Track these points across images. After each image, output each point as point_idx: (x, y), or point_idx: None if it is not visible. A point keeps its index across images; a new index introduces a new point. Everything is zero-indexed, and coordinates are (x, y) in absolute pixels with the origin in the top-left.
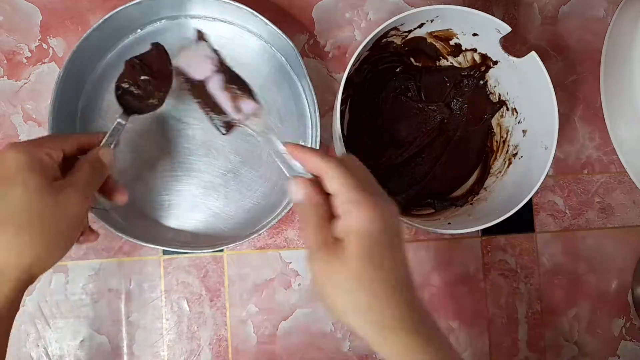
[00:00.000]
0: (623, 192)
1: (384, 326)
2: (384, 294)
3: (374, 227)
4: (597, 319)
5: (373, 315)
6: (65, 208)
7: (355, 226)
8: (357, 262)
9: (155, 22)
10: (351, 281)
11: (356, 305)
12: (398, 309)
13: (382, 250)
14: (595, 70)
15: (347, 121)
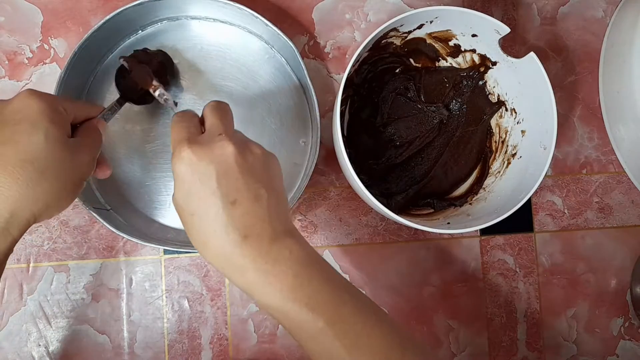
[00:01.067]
0: (622, 192)
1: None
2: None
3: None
4: (596, 318)
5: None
6: (79, 164)
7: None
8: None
9: (155, 23)
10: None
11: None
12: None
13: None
14: (594, 71)
15: (347, 121)
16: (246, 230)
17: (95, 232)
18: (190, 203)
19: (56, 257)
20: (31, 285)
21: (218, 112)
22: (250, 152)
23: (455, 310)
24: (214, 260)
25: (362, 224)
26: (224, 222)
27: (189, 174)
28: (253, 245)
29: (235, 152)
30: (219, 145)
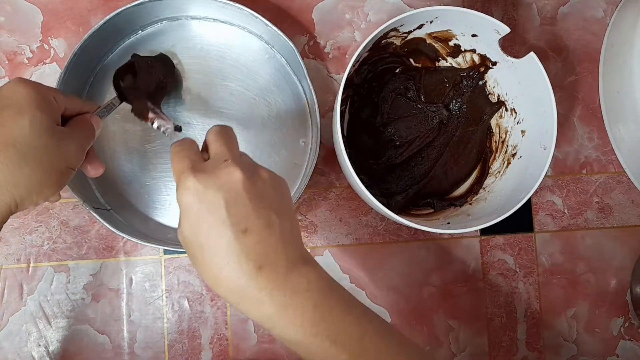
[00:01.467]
0: (621, 191)
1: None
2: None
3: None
4: (596, 318)
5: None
6: (65, 153)
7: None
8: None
9: (156, 23)
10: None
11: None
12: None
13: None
14: (594, 71)
15: (347, 121)
16: (260, 260)
17: (95, 232)
18: (198, 235)
19: (56, 257)
20: (31, 285)
21: (222, 137)
22: (259, 177)
23: (456, 310)
24: (228, 295)
25: (362, 224)
26: (237, 253)
27: (196, 204)
28: (269, 276)
29: (243, 177)
30: (226, 172)
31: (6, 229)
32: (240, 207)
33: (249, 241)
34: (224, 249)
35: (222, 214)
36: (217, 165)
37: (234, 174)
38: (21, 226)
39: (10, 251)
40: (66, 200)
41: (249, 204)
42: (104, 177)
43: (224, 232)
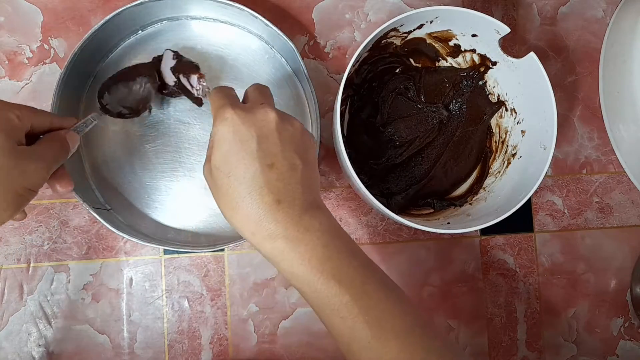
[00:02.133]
0: (622, 191)
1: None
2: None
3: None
4: (596, 318)
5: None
6: (23, 174)
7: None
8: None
9: (156, 23)
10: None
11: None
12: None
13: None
14: (594, 71)
15: (347, 121)
16: (280, 194)
17: (95, 232)
18: (228, 163)
19: (56, 257)
20: (31, 285)
21: (260, 90)
22: (290, 124)
23: (456, 310)
24: (244, 224)
25: (362, 224)
26: (260, 184)
27: (231, 135)
28: (286, 211)
29: (277, 119)
30: (262, 112)
31: (6, 229)
32: (270, 145)
33: (272, 176)
34: (249, 179)
35: (253, 147)
36: (254, 105)
37: (269, 114)
38: (21, 226)
39: (10, 251)
40: (66, 200)
41: (278, 143)
42: (104, 177)
43: (252, 163)
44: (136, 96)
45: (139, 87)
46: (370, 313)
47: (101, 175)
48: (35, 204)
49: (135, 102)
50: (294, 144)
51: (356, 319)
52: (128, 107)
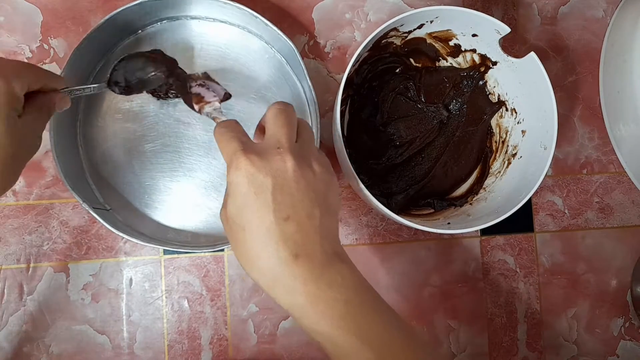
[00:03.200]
0: (622, 192)
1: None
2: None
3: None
4: (596, 318)
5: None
6: (25, 145)
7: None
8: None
9: (155, 22)
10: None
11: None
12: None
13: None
14: (594, 71)
15: (347, 121)
16: (297, 248)
17: (95, 232)
18: (242, 216)
19: (56, 257)
20: (31, 285)
21: (280, 120)
22: (310, 170)
23: (456, 311)
24: (261, 278)
25: (362, 224)
26: (276, 238)
27: (245, 185)
28: (304, 266)
29: (295, 167)
30: (279, 159)
31: (6, 229)
32: (286, 196)
33: (289, 229)
34: (264, 232)
35: (267, 199)
36: (270, 149)
37: (286, 162)
38: (21, 226)
39: (10, 251)
40: (66, 201)
41: (295, 193)
42: (103, 177)
43: (267, 216)
44: (143, 76)
45: (152, 70)
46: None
47: (101, 176)
48: (35, 204)
49: (140, 81)
50: (312, 192)
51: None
52: (130, 82)
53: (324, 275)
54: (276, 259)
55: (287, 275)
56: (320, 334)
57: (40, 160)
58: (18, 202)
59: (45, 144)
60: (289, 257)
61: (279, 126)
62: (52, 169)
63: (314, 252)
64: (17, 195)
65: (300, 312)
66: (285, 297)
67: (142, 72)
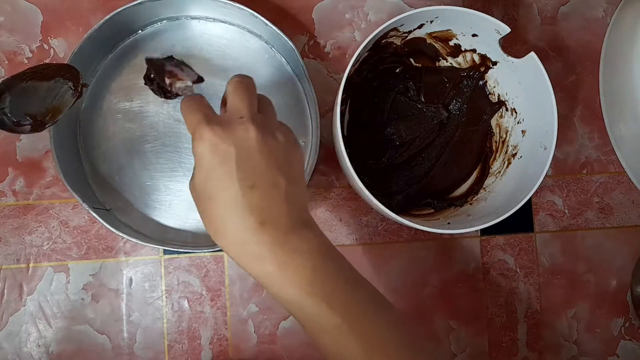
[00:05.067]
0: (622, 192)
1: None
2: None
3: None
4: (596, 318)
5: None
6: None
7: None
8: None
9: (155, 22)
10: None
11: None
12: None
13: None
14: (594, 71)
15: (347, 121)
16: (263, 216)
17: (95, 232)
18: (208, 186)
19: (56, 257)
20: (31, 285)
21: (241, 92)
22: (273, 138)
23: (456, 311)
24: (230, 248)
25: (362, 224)
26: (241, 206)
27: (210, 156)
28: (270, 232)
29: (257, 136)
30: (241, 128)
31: (6, 229)
32: (250, 164)
33: (254, 197)
34: (230, 201)
35: (232, 168)
36: (232, 120)
37: (249, 131)
38: (21, 226)
39: (10, 251)
40: (66, 201)
41: (259, 162)
42: (103, 177)
43: (232, 185)
44: (46, 102)
45: (51, 92)
46: (363, 335)
47: (100, 176)
48: (35, 204)
49: (42, 109)
50: (277, 160)
51: (348, 340)
52: (31, 116)
53: (290, 242)
54: (243, 226)
55: (254, 242)
56: (289, 301)
57: (40, 160)
58: (18, 202)
59: (45, 144)
60: (256, 224)
61: (240, 97)
62: (52, 169)
63: (280, 219)
64: (17, 195)
65: (269, 279)
66: (254, 264)
67: (42, 98)
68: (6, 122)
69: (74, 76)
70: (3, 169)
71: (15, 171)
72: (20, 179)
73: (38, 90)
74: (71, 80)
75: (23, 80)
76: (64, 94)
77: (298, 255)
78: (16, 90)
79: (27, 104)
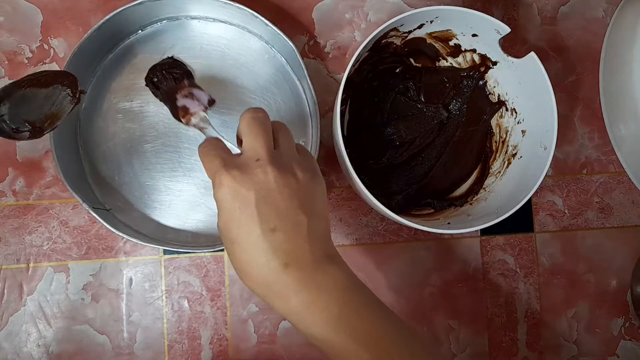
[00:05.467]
0: (622, 192)
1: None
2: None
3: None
4: (596, 318)
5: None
6: None
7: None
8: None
9: (155, 22)
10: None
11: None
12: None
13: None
14: (594, 71)
15: (347, 121)
16: (287, 258)
17: (95, 232)
18: (230, 230)
19: (56, 257)
20: (31, 285)
21: (255, 130)
22: (292, 176)
23: (456, 311)
24: (256, 289)
25: (362, 224)
26: (264, 250)
27: (230, 201)
28: (295, 274)
29: (277, 177)
30: (260, 171)
31: (6, 229)
32: (271, 206)
33: (276, 239)
34: (252, 245)
35: (252, 212)
36: (250, 162)
37: (267, 174)
38: (21, 226)
39: (10, 251)
40: (66, 201)
41: (279, 203)
42: (103, 177)
43: (253, 229)
44: (44, 109)
45: (50, 99)
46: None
47: (100, 175)
48: (35, 204)
49: (41, 116)
50: (297, 198)
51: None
52: (30, 123)
53: (315, 280)
54: (267, 269)
55: (279, 284)
56: (317, 338)
57: (40, 160)
58: (18, 202)
59: (45, 144)
60: (279, 267)
61: (255, 136)
62: (52, 169)
63: (304, 258)
64: (17, 195)
65: (296, 318)
66: (280, 305)
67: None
68: (5, 129)
69: (72, 83)
70: (3, 169)
71: (15, 171)
72: (20, 179)
73: (36, 97)
74: (69, 87)
75: (21, 88)
76: (62, 101)
77: (323, 293)
78: (15, 97)
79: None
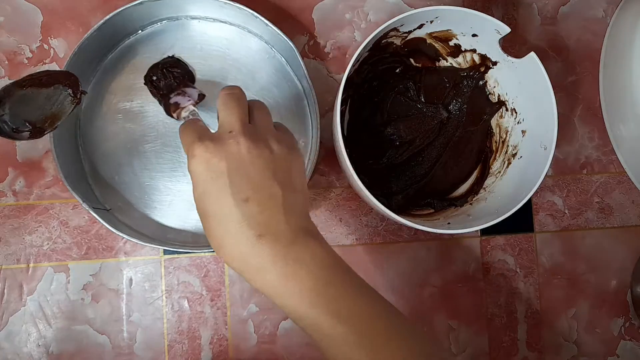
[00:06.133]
0: (622, 192)
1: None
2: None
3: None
4: (596, 318)
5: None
6: None
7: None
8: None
9: (155, 23)
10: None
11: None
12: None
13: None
14: (594, 71)
15: (347, 121)
16: (260, 228)
17: (95, 232)
18: (205, 202)
19: (56, 258)
20: (31, 285)
21: (229, 104)
22: (267, 147)
23: (456, 311)
24: (232, 263)
25: (362, 224)
26: (238, 220)
27: (203, 172)
28: (269, 245)
29: (250, 148)
30: (232, 142)
31: (6, 229)
32: (243, 177)
33: (249, 210)
34: (226, 216)
35: (224, 182)
36: (223, 134)
37: (240, 144)
38: (21, 226)
39: (10, 251)
40: (66, 201)
41: (252, 174)
42: (103, 177)
43: (226, 200)
44: (45, 109)
45: (50, 99)
46: (369, 345)
47: (100, 176)
48: (35, 204)
49: (41, 116)
50: (271, 170)
51: (354, 351)
52: (30, 123)
53: (291, 252)
54: (241, 241)
55: (254, 255)
56: (295, 313)
57: (40, 160)
58: (18, 202)
59: (45, 144)
60: (254, 238)
61: (229, 110)
62: (52, 169)
63: (279, 230)
64: (17, 195)
65: (273, 291)
66: (256, 277)
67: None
68: (5, 129)
69: (73, 83)
70: (3, 169)
71: (15, 171)
72: (20, 179)
73: (37, 98)
74: (70, 88)
75: (22, 88)
76: (63, 101)
77: (300, 266)
78: (15, 97)
79: (26, 111)
